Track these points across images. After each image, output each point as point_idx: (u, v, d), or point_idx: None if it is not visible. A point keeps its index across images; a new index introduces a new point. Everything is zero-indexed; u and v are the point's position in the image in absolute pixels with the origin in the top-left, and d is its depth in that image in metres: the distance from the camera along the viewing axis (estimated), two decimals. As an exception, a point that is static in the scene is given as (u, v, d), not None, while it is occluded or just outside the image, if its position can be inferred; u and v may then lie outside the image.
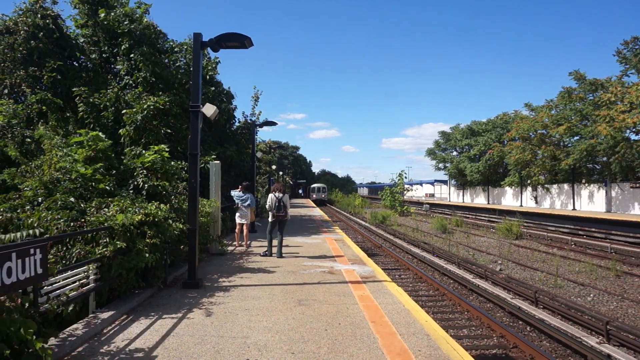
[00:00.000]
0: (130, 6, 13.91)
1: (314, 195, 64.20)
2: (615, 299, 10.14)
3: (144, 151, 9.12)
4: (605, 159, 26.31)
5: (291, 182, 71.45)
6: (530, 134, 32.69)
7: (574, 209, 28.61)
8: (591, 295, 10.51)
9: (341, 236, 15.38)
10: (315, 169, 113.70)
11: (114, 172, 8.57)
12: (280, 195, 10.39)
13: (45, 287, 4.68)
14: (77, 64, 14.04)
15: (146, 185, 8.17)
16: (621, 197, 25.30)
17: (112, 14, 13.20)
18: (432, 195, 70.45)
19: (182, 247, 8.36)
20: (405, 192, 44.95)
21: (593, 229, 21.14)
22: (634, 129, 23.85)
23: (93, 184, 7.61)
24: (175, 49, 15.47)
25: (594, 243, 18.47)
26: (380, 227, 26.85)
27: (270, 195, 10.51)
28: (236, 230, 12.42)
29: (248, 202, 11.95)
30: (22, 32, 12.49)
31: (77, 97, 12.11)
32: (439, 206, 45.57)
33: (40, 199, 7.09)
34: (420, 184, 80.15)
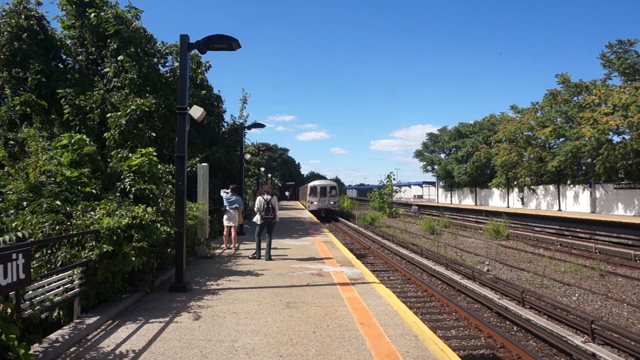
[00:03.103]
0: (120, 8, 13.77)
1: (314, 202, 35.78)
2: (600, 299, 10.29)
3: (130, 154, 9.03)
4: (589, 160, 26.73)
5: (280, 184, 70.99)
6: (517, 135, 33.10)
7: (559, 209, 28.99)
8: (576, 294, 10.65)
9: (330, 238, 15.39)
10: (304, 171, 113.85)
11: (100, 175, 8.47)
12: (269, 197, 10.37)
13: (29, 292, 4.61)
14: (62, 66, 13.86)
15: (133, 189, 8.09)
16: (605, 197, 25.71)
17: (102, 14, 13.07)
18: (421, 196, 70.85)
19: (169, 250, 8.29)
20: (393, 194, 45.15)
21: (578, 230, 21.45)
22: (616, 131, 24.28)
23: (79, 187, 7.51)
24: (165, 51, 15.36)
25: (579, 243, 18.74)
26: (369, 229, 26.91)
27: (259, 198, 10.49)
28: (224, 232, 12.37)
29: (235, 204, 11.92)
30: (5, 33, 12.29)
31: (63, 99, 11.95)
32: (428, 207, 45.84)
33: (25, 202, 6.98)
34: (409, 185, 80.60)
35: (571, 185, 28.70)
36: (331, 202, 35.88)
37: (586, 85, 28.50)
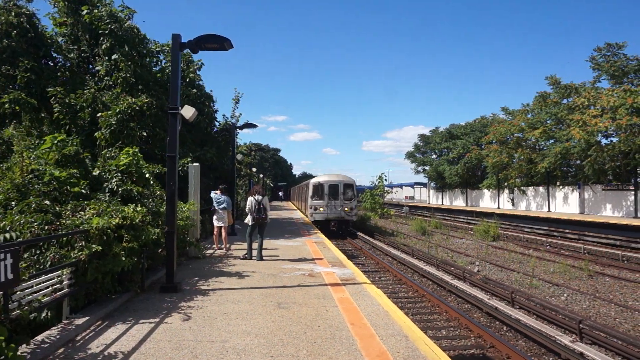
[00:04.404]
0: (114, 7, 13.67)
1: (320, 207, 23.27)
2: (588, 298, 10.41)
3: (119, 154, 8.98)
4: (578, 162, 27.02)
5: (271, 185, 70.81)
6: (507, 137, 33.37)
7: (549, 210, 29.27)
8: (565, 295, 10.76)
9: (321, 239, 15.40)
10: (296, 171, 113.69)
11: (89, 175, 8.40)
12: (260, 197, 10.36)
13: (17, 293, 4.55)
14: (52, 64, 13.72)
15: (120, 189, 8.04)
16: (594, 199, 26.01)
17: (95, 11, 12.96)
18: (412, 197, 71.22)
19: (160, 250, 8.24)
20: (385, 195, 45.26)
21: (567, 230, 21.69)
22: (605, 133, 24.57)
23: (68, 187, 7.44)
24: (156, 50, 15.28)
25: (568, 244, 18.94)
26: (360, 230, 26.95)
27: (250, 198, 10.47)
28: (214, 233, 12.33)
29: (224, 204, 11.88)
30: (-6, 30, 12.13)
31: (52, 98, 11.83)
32: (419, 208, 46.05)
33: (13, 202, 6.90)
34: (400, 186, 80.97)
35: (560, 187, 29.00)
36: (346, 209, 23.30)
37: (576, 87, 28.80)
